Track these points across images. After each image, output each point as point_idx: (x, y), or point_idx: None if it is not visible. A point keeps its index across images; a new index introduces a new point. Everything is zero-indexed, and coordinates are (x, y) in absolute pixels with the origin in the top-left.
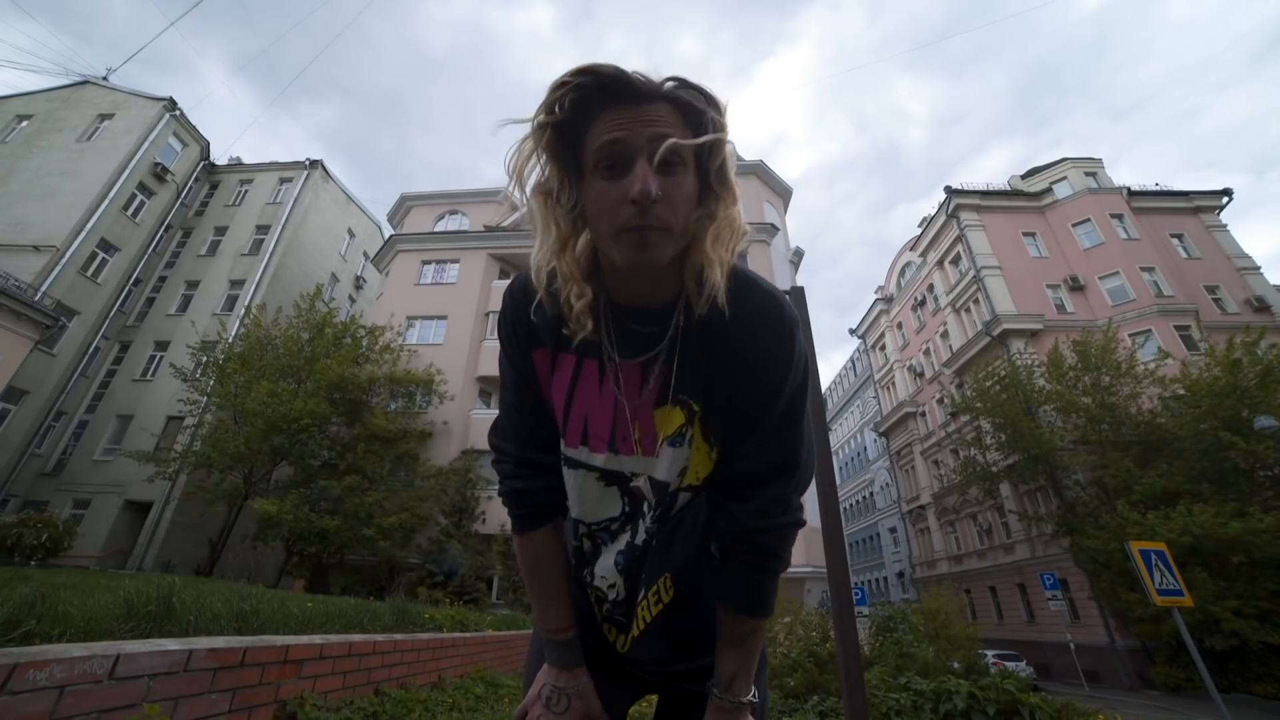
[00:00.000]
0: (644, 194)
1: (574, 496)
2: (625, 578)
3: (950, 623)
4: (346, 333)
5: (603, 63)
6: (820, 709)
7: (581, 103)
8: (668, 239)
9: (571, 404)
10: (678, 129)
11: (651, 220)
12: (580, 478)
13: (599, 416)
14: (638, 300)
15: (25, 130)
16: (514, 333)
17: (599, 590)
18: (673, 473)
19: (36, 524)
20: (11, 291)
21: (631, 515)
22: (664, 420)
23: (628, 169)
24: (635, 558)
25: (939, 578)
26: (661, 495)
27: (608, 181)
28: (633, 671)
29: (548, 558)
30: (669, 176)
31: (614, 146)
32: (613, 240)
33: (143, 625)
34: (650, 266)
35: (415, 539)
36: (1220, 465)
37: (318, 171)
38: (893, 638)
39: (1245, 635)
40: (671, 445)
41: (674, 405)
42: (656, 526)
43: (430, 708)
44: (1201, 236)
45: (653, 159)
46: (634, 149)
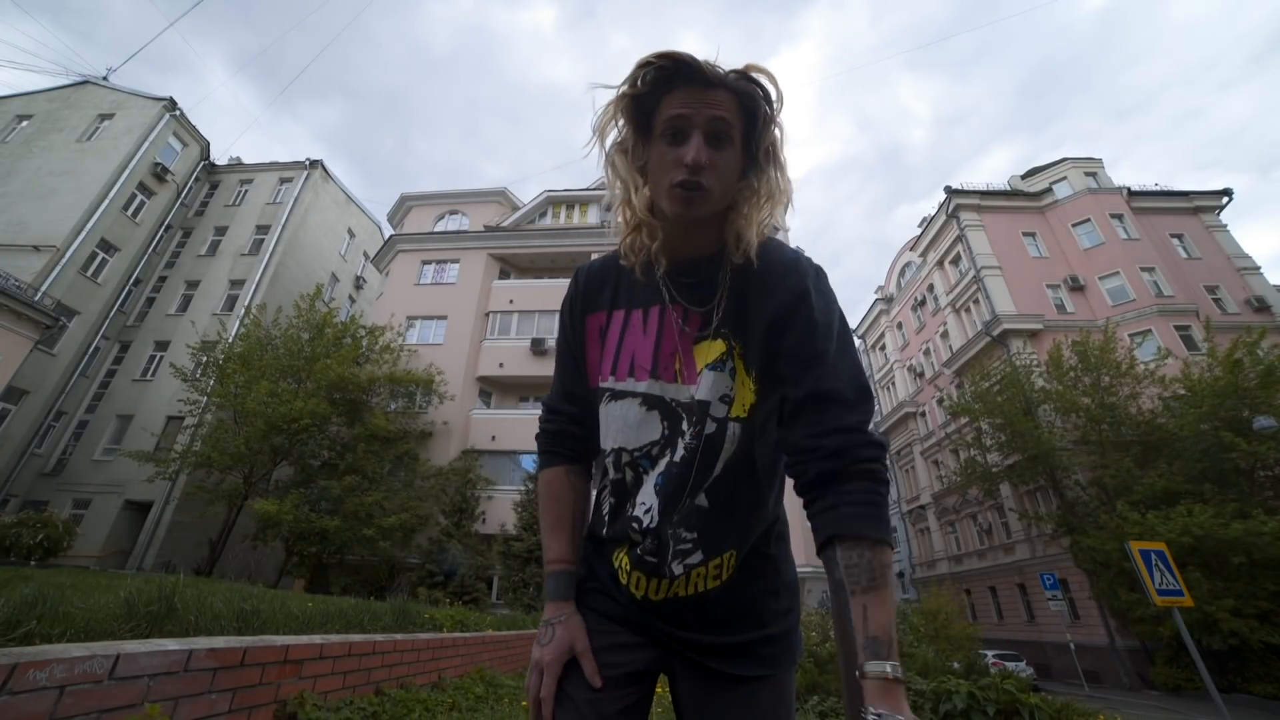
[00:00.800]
0: (696, 160)
1: (618, 425)
2: (660, 499)
3: (950, 623)
4: (346, 333)
5: (680, 50)
6: (820, 709)
7: (658, 80)
8: (708, 199)
9: (621, 346)
10: (732, 113)
11: (698, 181)
12: (624, 406)
13: (643, 351)
14: (684, 253)
15: (25, 130)
16: (572, 306)
17: (636, 521)
18: (714, 394)
19: (36, 524)
20: (11, 291)
21: (671, 437)
22: (704, 352)
23: (686, 138)
24: (673, 475)
25: (939, 578)
26: (702, 413)
27: (669, 146)
28: (657, 632)
29: (559, 492)
30: (717, 150)
31: (677, 120)
32: (665, 194)
33: (143, 625)
34: (692, 220)
35: (415, 539)
36: (1221, 465)
37: (318, 171)
38: None
39: (1244, 635)
40: (712, 370)
41: (715, 338)
42: (696, 444)
43: (430, 708)
44: (1201, 236)
45: (706, 135)
46: (693, 123)
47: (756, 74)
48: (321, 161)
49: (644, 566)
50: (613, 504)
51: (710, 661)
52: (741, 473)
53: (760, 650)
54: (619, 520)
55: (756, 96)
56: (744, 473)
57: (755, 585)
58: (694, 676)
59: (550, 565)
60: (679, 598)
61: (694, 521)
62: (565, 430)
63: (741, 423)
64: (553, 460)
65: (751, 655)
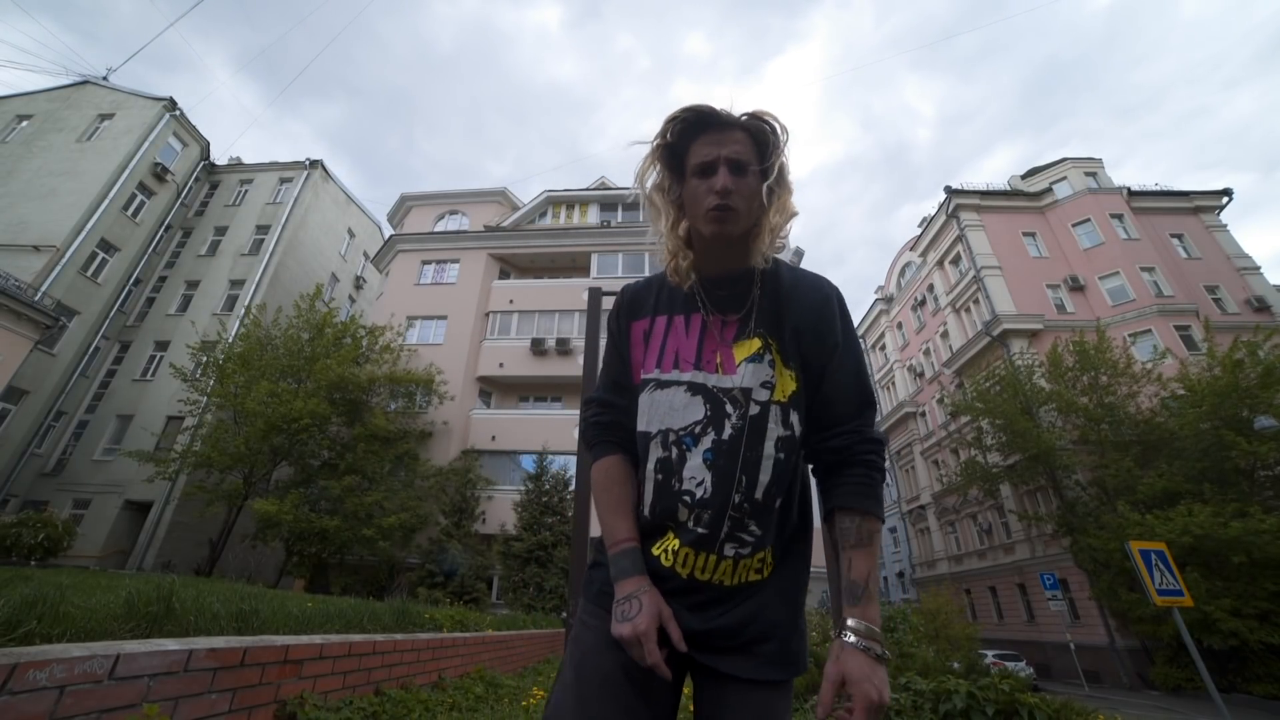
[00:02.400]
0: (724, 187)
1: (663, 410)
2: (714, 472)
3: (950, 623)
4: (346, 333)
5: (700, 103)
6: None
7: (685, 130)
8: (737, 218)
9: (665, 344)
10: (748, 148)
11: (728, 204)
12: (669, 393)
13: (687, 348)
14: (720, 269)
15: (25, 130)
16: (618, 314)
17: (688, 494)
18: (755, 381)
19: (36, 524)
20: (11, 291)
21: (714, 417)
22: (742, 349)
23: (714, 172)
24: (723, 451)
25: (939, 578)
26: (745, 398)
27: (700, 180)
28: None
29: (618, 476)
30: (739, 178)
31: (705, 159)
32: (702, 218)
33: (143, 625)
34: (727, 238)
35: (415, 539)
36: (1221, 465)
37: (318, 171)
38: (893, 638)
39: (1243, 635)
40: (751, 362)
41: (752, 337)
42: (743, 424)
43: (430, 708)
44: (1201, 236)
45: (729, 166)
46: (717, 160)
47: (765, 117)
48: (321, 161)
49: (695, 541)
50: (658, 480)
51: (725, 664)
52: (795, 452)
53: (775, 655)
54: (665, 496)
55: (766, 132)
56: (798, 454)
57: (783, 588)
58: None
59: (618, 545)
60: (723, 585)
61: (757, 513)
62: (618, 421)
63: (783, 406)
64: (609, 449)
65: (767, 659)
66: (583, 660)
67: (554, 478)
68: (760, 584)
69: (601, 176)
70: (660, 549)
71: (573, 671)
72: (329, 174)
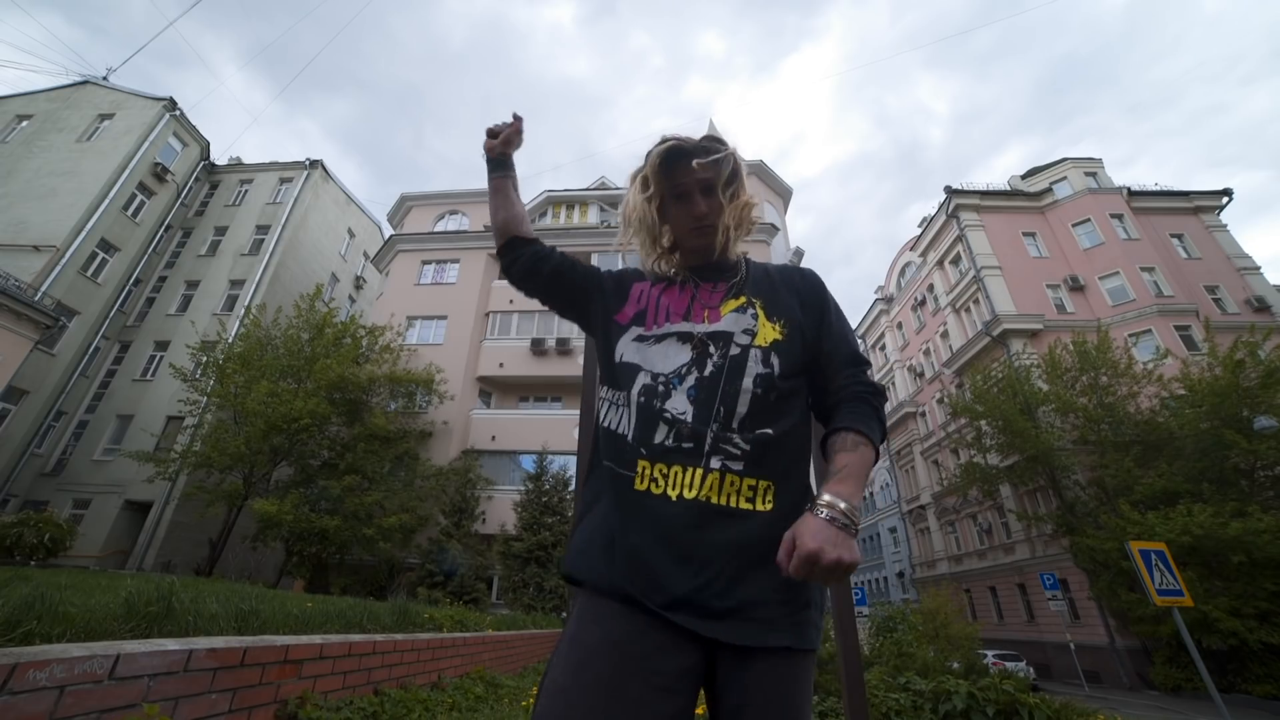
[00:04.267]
0: (701, 212)
1: (657, 360)
2: (695, 405)
3: (950, 623)
4: (346, 333)
5: (671, 137)
6: (820, 709)
7: (661, 161)
8: (715, 233)
9: (659, 303)
10: (712, 170)
11: (705, 224)
12: (663, 345)
13: (677, 305)
14: (705, 262)
15: (25, 130)
16: (623, 272)
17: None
18: (736, 327)
19: (36, 524)
20: (11, 291)
21: (699, 359)
22: (728, 305)
23: (690, 198)
24: (704, 385)
25: (939, 578)
26: (726, 340)
27: (679, 204)
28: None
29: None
30: (709, 197)
31: (680, 186)
32: (686, 237)
33: (143, 625)
34: (709, 249)
35: (415, 539)
36: (1220, 465)
37: (317, 171)
38: (892, 638)
39: (1242, 635)
40: (735, 313)
41: (739, 296)
42: (723, 361)
43: (430, 708)
44: (1201, 236)
45: (702, 190)
46: (690, 185)
47: (718, 140)
48: (321, 161)
49: (679, 455)
50: (641, 404)
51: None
52: (778, 405)
53: (777, 618)
54: (647, 422)
55: (722, 154)
56: (781, 407)
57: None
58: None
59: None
60: (710, 504)
61: (745, 432)
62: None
63: (764, 350)
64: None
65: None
66: (583, 664)
67: (554, 478)
68: (752, 514)
69: (601, 176)
70: (644, 480)
71: (571, 676)
72: (329, 174)
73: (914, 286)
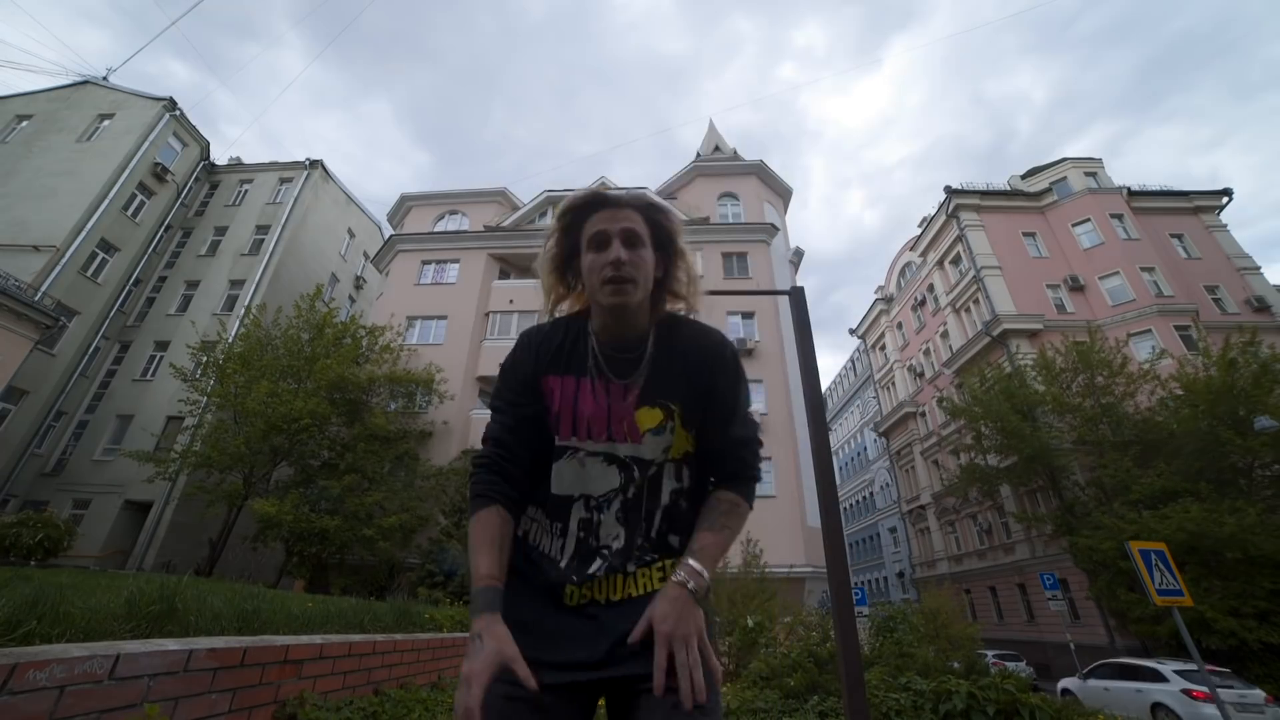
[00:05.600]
0: (618, 259)
1: (580, 477)
2: (625, 526)
3: (950, 623)
4: (346, 333)
5: (594, 188)
6: (820, 709)
7: (580, 210)
8: (634, 288)
9: (577, 410)
10: (639, 224)
11: (623, 274)
12: (586, 461)
13: (598, 418)
14: (616, 336)
15: (25, 130)
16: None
17: (605, 548)
18: (657, 451)
19: (36, 524)
20: (11, 291)
21: (624, 483)
22: (645, 418)
23: (607, 245)
24: (629, 507)
25: (939, 578)
26: (646, 468)
27: (596, 254)
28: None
29: (493, 521)
30: (632, 250)
31: (599, 235)
32: (599, 288)
33: (143, 625)
34: (624, 306)
35: (415, 539)
36: (1218, 464)
37: (317, 171)
38: (893, 638)
39: (1241, 635)
40: (654, 435)
41: (653, 406)
42: (645, 482)
43: (430, 708)
44: (1201, 236)
45: (623, 239)
46: (611, 234)
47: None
48: (321, 161)
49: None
50: (580, 538)
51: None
52: (689, 509)
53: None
54: (585, 551)
55: (655, 210)
56: (690, 509)
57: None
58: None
59: (480, 581)
60: (632, 599)
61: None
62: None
63: (676, 463)
64: (490, 501)
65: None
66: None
67: None
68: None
69: (601, 176)
70: (574, 599)
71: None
72: (329, 174)
73: (914, 286)
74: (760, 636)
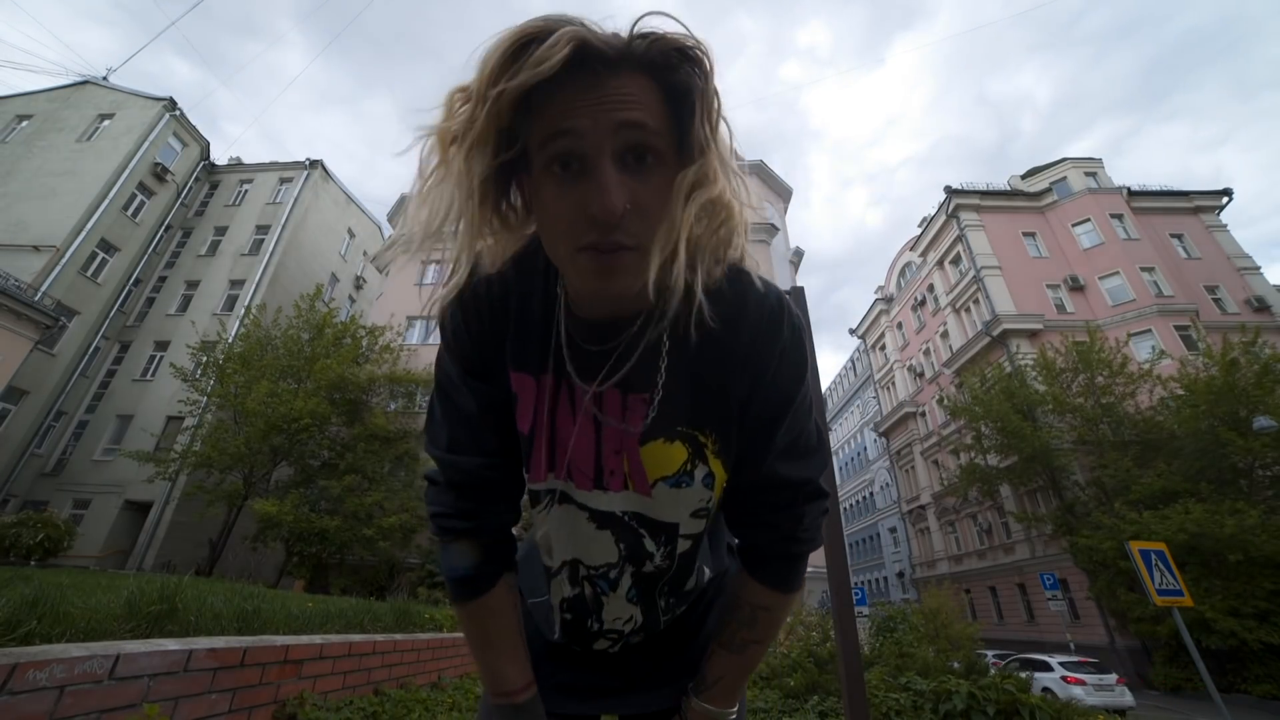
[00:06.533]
0: (607, 208)
1: (568, 535)
2: (643, 606)
3: (950, 623)
4: (346, 333)
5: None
6: (820, 709)
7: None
8: (638, 261)
9: (555, 434)
10: (651, 109)
11: (617, 238)
12: (570, 515)
13: (582, 451)
14: (601, 312)
15: (25, 130)
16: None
17: (613, 632)
18: (684, 513)
19: (36, 524)
20: (11, 291)
21: (632, 555)
22: (656, 459)
23: (587, 170)
24: (646, 587)
25: (939, 578)
26: (672, 534)
27: (562, 182)
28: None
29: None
30: (639, 175)
31: (565, 139)
32: (569, 261)
33: (143, 625)
34: (619, 295)
35: (415, 539)
36: (1219, 464)
37: (317, 171)
38: (893, 638)
39: (1242, 635)
40: (673, 486)
41: (672, 440)
42: (669, 563)
43: (430, 708)
44: (1201, 236)
45: (620, 156)
46: (593, 141)
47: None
48: (321, 161)
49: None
50: (567, 620)
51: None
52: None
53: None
54: (581, 634)
55: (680, 67)
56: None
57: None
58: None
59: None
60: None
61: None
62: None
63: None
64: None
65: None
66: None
67: None
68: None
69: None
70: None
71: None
72: (329, 174)
73: (914, 286)
74: None
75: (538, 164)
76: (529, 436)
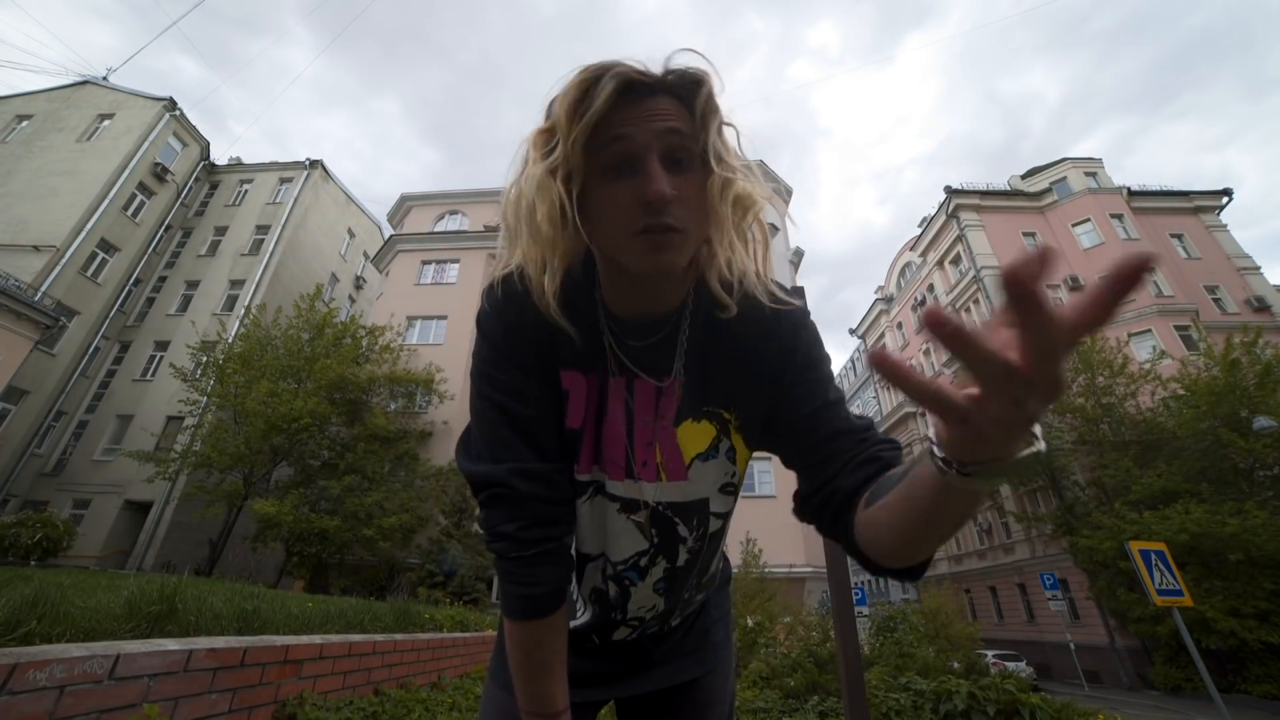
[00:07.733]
0: (659, 193)
1: (592, 530)
2: (667, 596)
3: (950, 623)
4: (346, 333)
5: (613, 66)
6: (820, 709)
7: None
8: (685, 241)
9: (604, 427)
10: (685, 122)
11: (667, 223)
12: (597, 508)
13: (614, 441)
14: (637, 311)
15: (25, 130)
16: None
17: (635, 619)
18: (714, 487)
19: (36, 524)
20: (11, 291)
21: (665, 545)
22: (690, 437)
23: (638, 170)
24: (677, 575)
25: (939, 578)
26: (703, 513)
27: (616, 183)
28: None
29: (563, 630)
30: (681, 175)
31: (622, 149)
32: (625, 246)
33: (143, 625)
34: (668, 272)
35: (415, 539)
36: (1219, 465)
37: (317, 171)
38: (893, 638)
39: (1242, 635)
40: (704, 460)
41: (700, 419)
42: (700, 545)
43: (430, 708)
44: (1201, 236)
45: (665, 158)
46: (643, 145)
47: (695, 69)
48: (321, 161)
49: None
50: (597, 611)
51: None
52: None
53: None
54: (605, 624)
55: (704, 95)
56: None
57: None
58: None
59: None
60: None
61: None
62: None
63: (734, 484)
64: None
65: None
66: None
67: None
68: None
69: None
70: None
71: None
72: (329, 174)
73: (914, 286)
74: (760, 636)
75: (591, 173)
76: (579, 431)
